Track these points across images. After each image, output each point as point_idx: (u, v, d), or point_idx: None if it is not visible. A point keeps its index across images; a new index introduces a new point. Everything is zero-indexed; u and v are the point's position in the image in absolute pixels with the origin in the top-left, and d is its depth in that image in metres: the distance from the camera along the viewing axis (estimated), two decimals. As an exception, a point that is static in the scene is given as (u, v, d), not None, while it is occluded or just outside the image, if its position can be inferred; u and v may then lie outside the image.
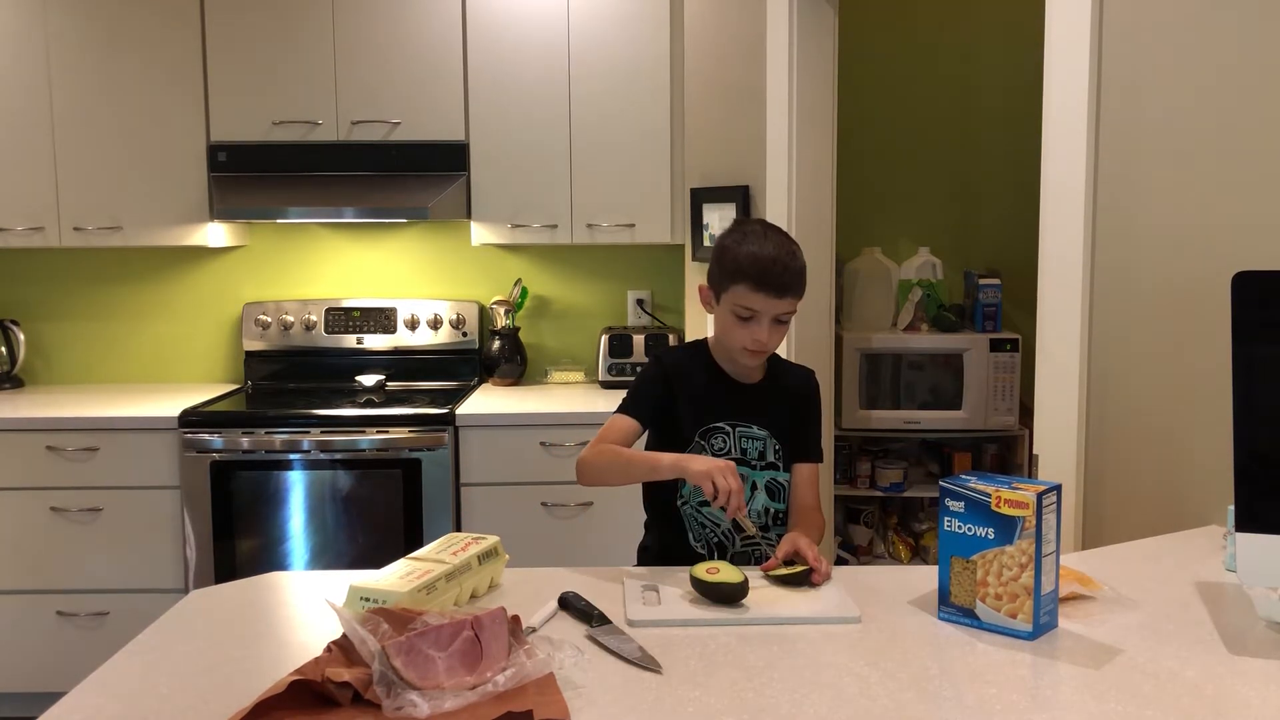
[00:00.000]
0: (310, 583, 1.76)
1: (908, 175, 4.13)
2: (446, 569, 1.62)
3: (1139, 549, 1.91)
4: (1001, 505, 1.50)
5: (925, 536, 3.91)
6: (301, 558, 3.31)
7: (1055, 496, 1.51)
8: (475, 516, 3.30)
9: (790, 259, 1.90)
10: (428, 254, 3.91)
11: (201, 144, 3.52)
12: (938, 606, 1.59)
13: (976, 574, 1.53)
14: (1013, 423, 3.71)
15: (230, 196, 3.48)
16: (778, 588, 1.72)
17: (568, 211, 3.55)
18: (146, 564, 3.31)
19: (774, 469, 2.03)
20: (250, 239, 3.89)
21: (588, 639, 1.51)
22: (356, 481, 3.29)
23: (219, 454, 3.26)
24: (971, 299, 3.86)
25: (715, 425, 2.00)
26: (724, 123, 3.37)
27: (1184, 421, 2.14)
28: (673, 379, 2.02)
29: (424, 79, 3.50)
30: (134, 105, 3.50)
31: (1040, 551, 1.49)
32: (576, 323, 3.93)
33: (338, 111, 3.50)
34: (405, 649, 1.29)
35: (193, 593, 1.73)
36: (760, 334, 1.92)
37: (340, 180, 3.52)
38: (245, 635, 1.54)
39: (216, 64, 3.50)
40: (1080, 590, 1.64)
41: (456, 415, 3.30)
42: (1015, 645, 1.48)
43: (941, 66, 4.09)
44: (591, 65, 3.50)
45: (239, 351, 3.89)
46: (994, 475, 1.58)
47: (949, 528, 1.56)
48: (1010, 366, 3.68)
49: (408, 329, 3.82)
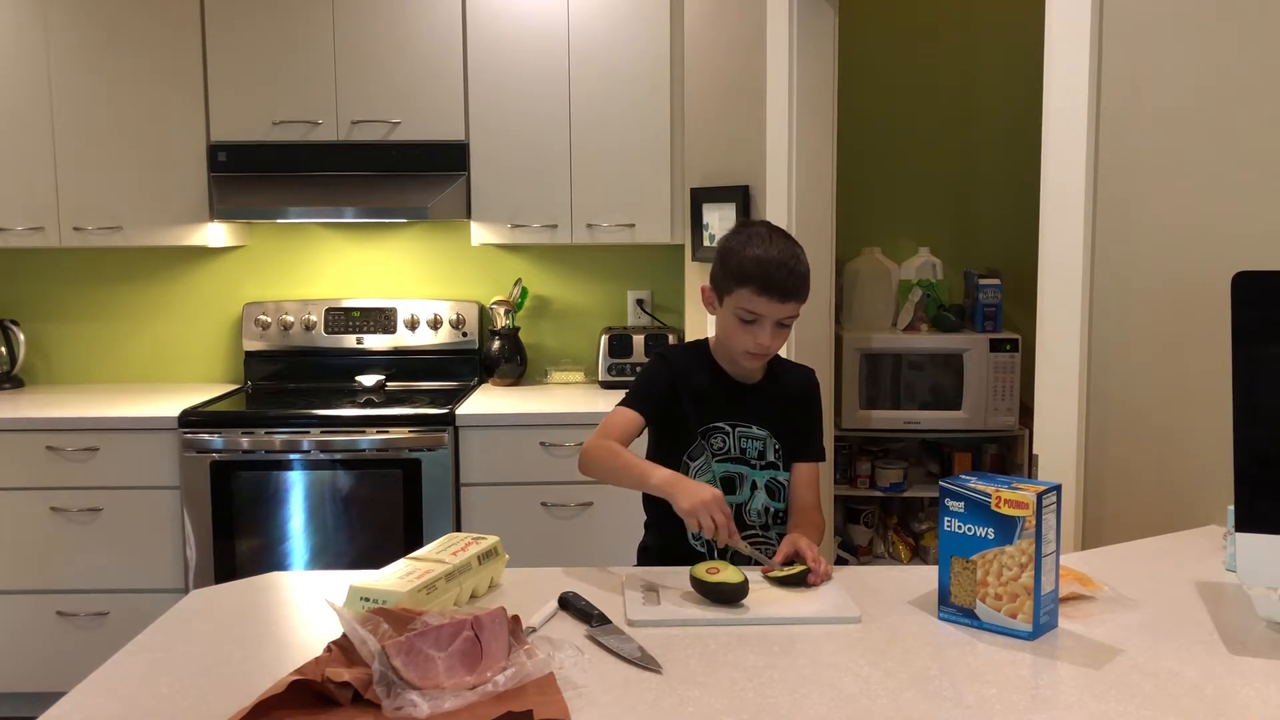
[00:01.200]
0: (310, 583, 1.76)
1: (908, 175, 4.13)
2: (446, 569, 1.62)
3: (1139, 549, 1.91)
4: (1001, 505, 1.50)
5: (925, 536, 3.91)
6: (301, 558, 3.31)
7: (1055, 496, 1.51)
8: (475, 516, 3.30)
9: (795, 263, 1.90)
10: (428, 254, 3.91)
11: (201, 144, 3.52)
12: (938, 606, 1.59)
13: (976, 574, 1.53)
14: (1013, 423, 3.71)
15: (230, 196, 3.48)
16: (777, 588, 1.72)
17: (568, 211, 3.55)
18: (146, 564, 3.31)
19: (774, 468, 2.03)
20: (250, 239, 3.89)
21: (588, 639, 1.51)
22: (356, 481, 3.29)
23: (219, 454, 3.26)
24: (971, 299, 3.86)
25: (715, 424, 2.01)
26: (724, 122, 3.37)
27: (1184, 421, 2.14)
28: (676, 376, 2.03)
29: (424, 79, 3.50)
30: (134, 105, 3.50)
31: (1040, 551, 1.49)
32: (576, 323, 3.93)
33: (338, 111, 3.50)
34: (405, 649, 1.29)
35: (193, 593, 1.73)
36: (763, 338, 1.92)
37: (340, 180, 3.52)
38: (245, 635, 1.54)
39: (216, 63, 3.50)
40: (1080, 590, 1.64)
41: (456, 415, 3.30)
42: (1015, 645, 1.48)
43: (941, 66, 4.09)
44: (591, 65, 3.50)
45: (239, 351, 3.89)
46: (994, 475, 1.58)
47: (949, 528, 1.56)
48: (1010, 366, 3.68)
49: (408, 329, 3.82)
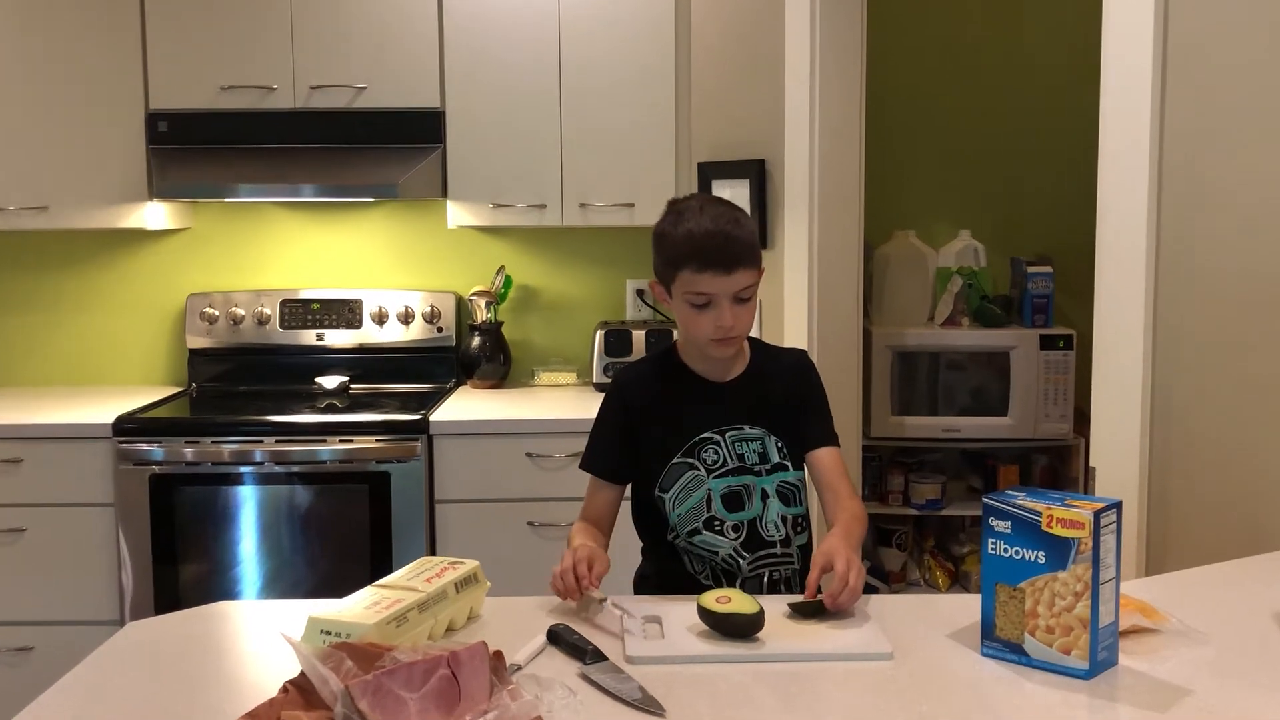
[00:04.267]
0: (264, 613, 1.76)
1: (946, 148, 4.13)
2: (419, 598, 1.62)
3: (1210, 575, 1.91)
4: (1054, 525, 1.50)
5: (966, 561, 3.91)
6: (253, 585, 3.31)
7: (1115, 515, 1.51)
8: (452, 538, 3.30)
9: (734, 227, 1.92)
10: (397, 238, 3.91)
11: (139, 112, 3.52)
12: (980, 641, 1.59)
13: (1025, 604, 1.53)
14: (1066, 431, 3.70)
15: (172, 172, 3.48)
16: (797, 619, 1.72)
17: (558, 189, 3.55)
18: (76, 592, 3.30)
19: (782, 470, 2.03)
20: (195, 220, 3.89)
21: (580, 678, 1.51)
22: (316, 497, 3.29)
23: (159, 466, 3.26)
24: (1019, 289, 3.86)
25: (702, 437, 2.01)
26: (736, 88, 3.37)
27: (1262, 431, 2.14)
28: (634, 405, 2.05)
29: (393, 37, 3.50)
30: (61, 67, 3.50)
31: (1098, 578, 1.49)
32: (568, 316, 3.93)
33: (294, 75, 3.50)
34: (372, 689, 1.29)
35: (129, 625, 1.73)
36: (723, 318, 1.93)
37: (297, 153, 3.51)
38: (189, 673, 1.54)
39: (156, 20, 3.49)
40: (1143, 623, 1.64)
41: (430, 422, 3.30)
42: (1069, 685, 1.48)
43: (985, 25, 4.09)
44: (586, 22, 3.50)
45: (182, 349, 3.89)
46: (1045, 491, 1.58)
47: (993, 551, 1.56)
48: (1063, 366, 3.67)
49: (375, 324, 3.82)
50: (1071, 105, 3.86)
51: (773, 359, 2.12)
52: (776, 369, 2.10)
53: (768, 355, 2.13)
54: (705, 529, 1.99)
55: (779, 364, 2.12)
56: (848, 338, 3.36)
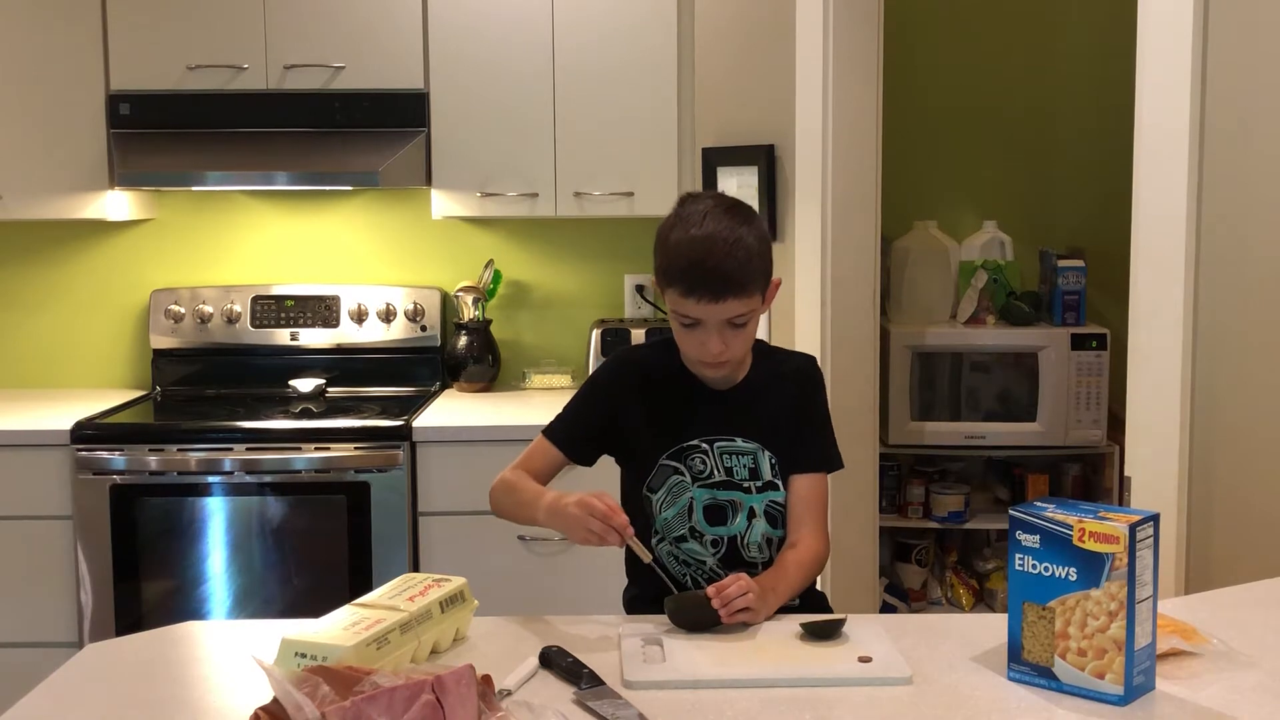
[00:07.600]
0: (234, 634, 1.76)
1: (970, 133, 4.13)
2: (401, 618, 1.62)
3: (1255, 594, 1.92)
4: (1086, 539, 1.50)
5: (992, 578, 3.91)
6: (222, 604, 3.31)
7: (1152, 528, 1.52)
8: (436, 553, 3.30)
9: (730, 248, 1.86)
10: (378, 229, 3.91)
11: (99, 94, 3.52)
12: (1007, 664, 1.59)
13: (1055, 624, 1.53)
14: (1099, 437, 3.71)
15: (135, 158, 3.48)
16: (809, 640, 1.72)
17: (551, 177, 3.55)
18: (31, 612, 3.30)
19: (773, 489, 2.03)
20: (159, 210, 3.90)
21: (575, 704, 1.51)
22: (290, 510, 3.29)
23: (121, 476, 3.26)
24: (1049, 285, 3.86)
25: (688, 444, 2.01)
26: (744, 67, 3.37)
27: (1311, 436, 2.14)
28: (629, 389, 2.04)
29: (374, 13, 3.50)
30: (14, 45, 3.50)
31: (1133, 597, 1.49)
32: (561, 314, 3.94)
33: (267, 53, 3.50)
34: (351, 716, 1.30)
35: (88, 647, 1.73)
36: (710, 343, 1.90)
37: (270, 138, 3.52)
38: (153, 699, 1.54)
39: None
40: (1182, 645, 1.65)
41: (413, 428, 3.31)
42: (1103, 712, 1.48)
43: (1012, 1, 4.10)
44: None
45: (146, 350, 3.90)
46: (1076, 502, 1.58)
47: (1021, 567, 1.56)
48: (1096, 368, 3.68)
49: (353, 322, 3.82)
50: (1107, 84, 3.87)
51: (776, 366, 2.10)
52: (779, 379, 2.08)
53: (772, 362, 2.10)
54: (690, 538, 2.00)
55: (782, 373, 2.09)
56: (863, 337, 3.36)
